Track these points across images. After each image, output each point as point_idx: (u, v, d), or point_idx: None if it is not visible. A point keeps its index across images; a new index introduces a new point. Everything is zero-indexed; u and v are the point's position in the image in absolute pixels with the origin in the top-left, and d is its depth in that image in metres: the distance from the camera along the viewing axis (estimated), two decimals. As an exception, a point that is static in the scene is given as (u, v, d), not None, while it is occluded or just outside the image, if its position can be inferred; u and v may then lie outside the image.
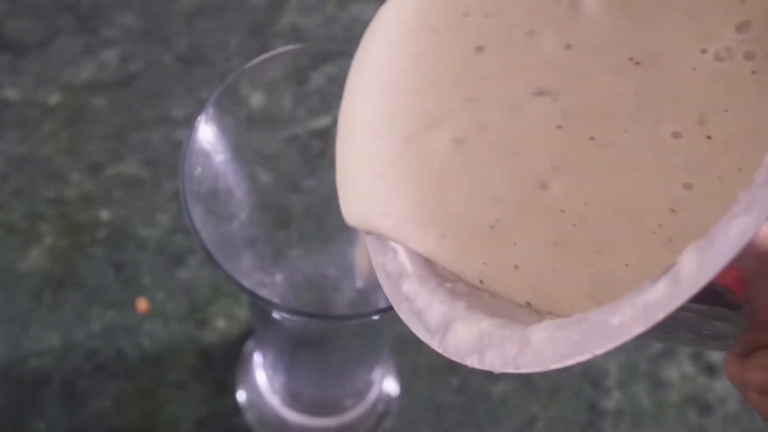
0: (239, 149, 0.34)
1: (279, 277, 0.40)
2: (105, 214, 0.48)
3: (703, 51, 0.22)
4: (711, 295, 0.15)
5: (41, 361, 0.44)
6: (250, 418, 0.44)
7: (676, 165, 0.21)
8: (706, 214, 0.20)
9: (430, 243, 0.23)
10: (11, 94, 0.52)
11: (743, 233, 0.14)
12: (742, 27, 0.22)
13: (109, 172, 0.50)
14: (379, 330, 0.35)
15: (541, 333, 0.18)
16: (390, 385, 0.45)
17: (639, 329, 0.15)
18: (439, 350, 0.20)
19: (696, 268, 0.14)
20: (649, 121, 0.22)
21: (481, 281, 0.23)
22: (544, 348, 0.18)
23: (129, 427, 0.43)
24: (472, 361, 0.19)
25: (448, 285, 0.22)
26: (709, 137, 0.21)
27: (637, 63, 0.23)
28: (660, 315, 0.15)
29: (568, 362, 0.17)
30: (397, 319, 0.25)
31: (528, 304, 0.22)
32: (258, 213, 0.36)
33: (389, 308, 0.28)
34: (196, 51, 0.54)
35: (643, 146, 0.22)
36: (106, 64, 0.53)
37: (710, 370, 0.47)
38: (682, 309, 0.15)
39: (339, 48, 0.31)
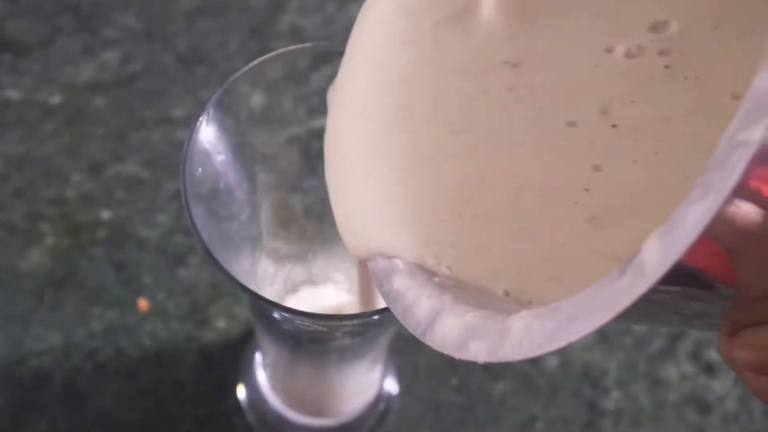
0: (240, 149, 0.34)
1: (279, 277, 0.40)
2: (105, 214, 0.48)
3: (609, 50, 0.23)
4: (683, 277, 0.16)
5: (42, 361, 0.44)
6: (250, 417, 0.44)
7: (577, 150, 0.23)
8: (627, 194, 0.22)
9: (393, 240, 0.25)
10: (12, 94, 0.52)
11: (701, 219, 0.14)
12: (658, 26, 0.23)
13: (110, 172, 0.50)
14: (380, 330, 0.35)
15: (519, 323, 0.19)
16: (390, 385, 0.45)
17: (608, 316, 0.16)
18: (428, 343, 0.21)
19: (658, 255, 0.15)
20: (530, 112, 0.24)
21: (448, 268, 0.24)
22: (522, 337, 0.18)
23: (129, 427, 0.43)
24: (459, 353, 0.20)
25: (437, 279, 0.23)
26: (614, 126, 0.23)
27: (515, 65, 0.25)
28: (625, 303, 0.15)
29: (546, 350, 0.18)
30: (397, 320, 0.25)
31: (506, 293, 0.23)
32: (258, 213, 0.36)
33: (389, 308, 0.28)
34: (197, 51, 0.54)
35: (526, 133, 0.24)
36: (106, 65, 0.53)
37: (710, 369, 0.47)
38: (655, 292, 0.15)
39: (339, 48, 0.31)
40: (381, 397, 0.45)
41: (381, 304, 0.26)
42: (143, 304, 0.46)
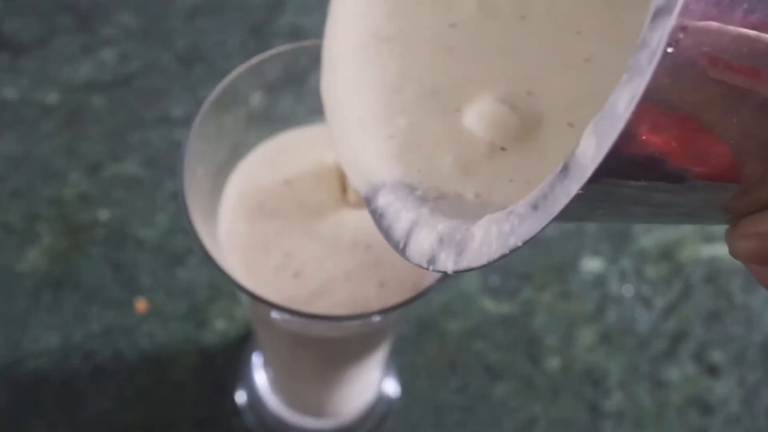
0: (239, 149, 0.34)
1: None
2: (104, 214, 0.48)
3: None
4: (641, 167, 0.15)
5: (40, 362, 0.44)
6: (249, 418, 0.44)
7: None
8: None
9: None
10: (9, 93, 0.52)
11: (630, 101, 0.14)
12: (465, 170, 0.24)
13: (108, 172, 0.49)
14: (380, 331, 0.35)
15: (481, 229, 0.19)
16: (390, 386, 0.45)
17: (551, 215, 0.16)
18: (408, 259, 0.21)
19: (593, 145, 0.15)
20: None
21: (419, 171, 0.24)
22: (483, 243, 0.18)
23: (128, 428, 0.43)
24: (431, 266, 0.20)
25: (418, 192, 0.23)
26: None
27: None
28: (564, 200, 0.15)
29: (501, 253, 0.17)
30: (397, 320, 0.25)
31: (477, 195, 0.23)
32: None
33: (389, 309, 0.28)
34: (196, 50, 0.54)
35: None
36: (104, 64, 0.53)
37: (712, 371, 0.46)
38: (613, 186, 0.15)
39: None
40: (381, 398, 0.45)
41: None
42: (141, 304, 0.46)
